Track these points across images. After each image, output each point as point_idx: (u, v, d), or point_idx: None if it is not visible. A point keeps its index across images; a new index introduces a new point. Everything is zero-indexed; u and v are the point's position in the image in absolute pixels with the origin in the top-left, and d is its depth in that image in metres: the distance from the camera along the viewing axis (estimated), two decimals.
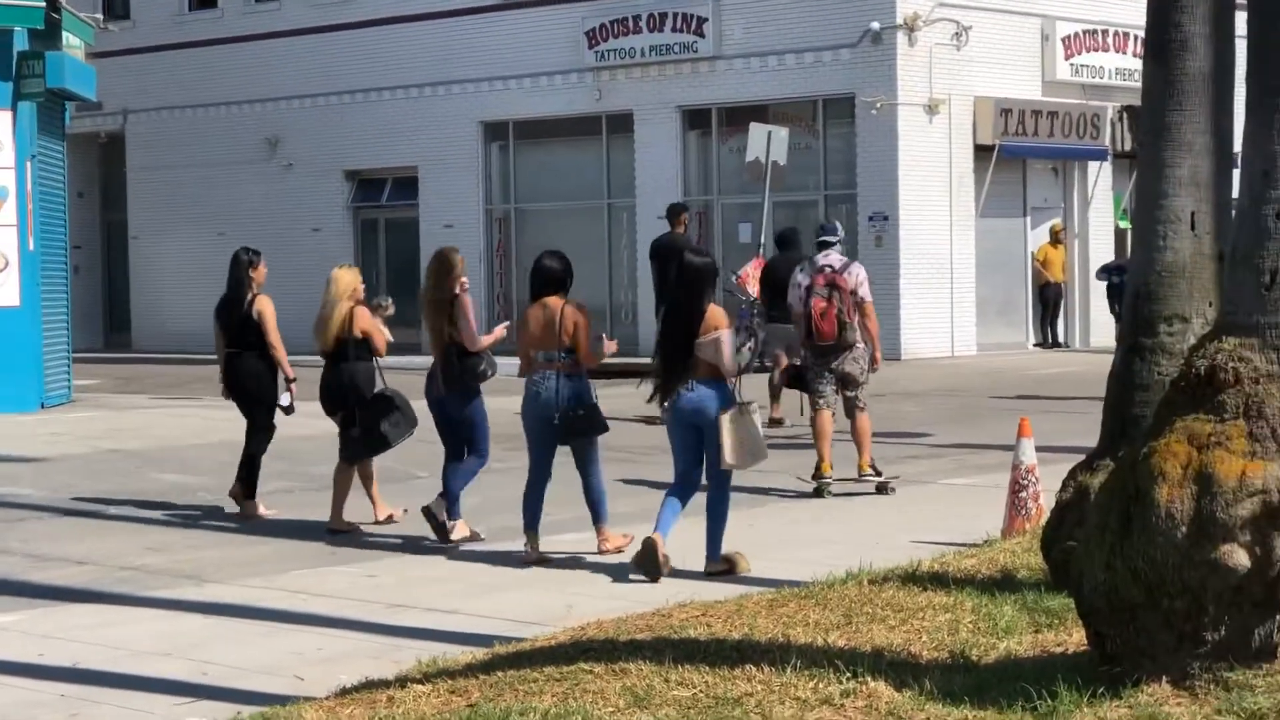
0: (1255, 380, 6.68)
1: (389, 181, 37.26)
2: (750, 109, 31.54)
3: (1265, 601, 6.49)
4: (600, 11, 33.46)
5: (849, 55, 30.95)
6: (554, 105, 34.46)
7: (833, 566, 10.11)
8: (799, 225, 32.07)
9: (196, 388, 28.71)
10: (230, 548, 13.03)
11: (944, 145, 31.14)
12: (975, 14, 31.28)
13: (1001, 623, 8.08)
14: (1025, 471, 12.08)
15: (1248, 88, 6.96)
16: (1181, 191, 8.58)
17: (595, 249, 34.35)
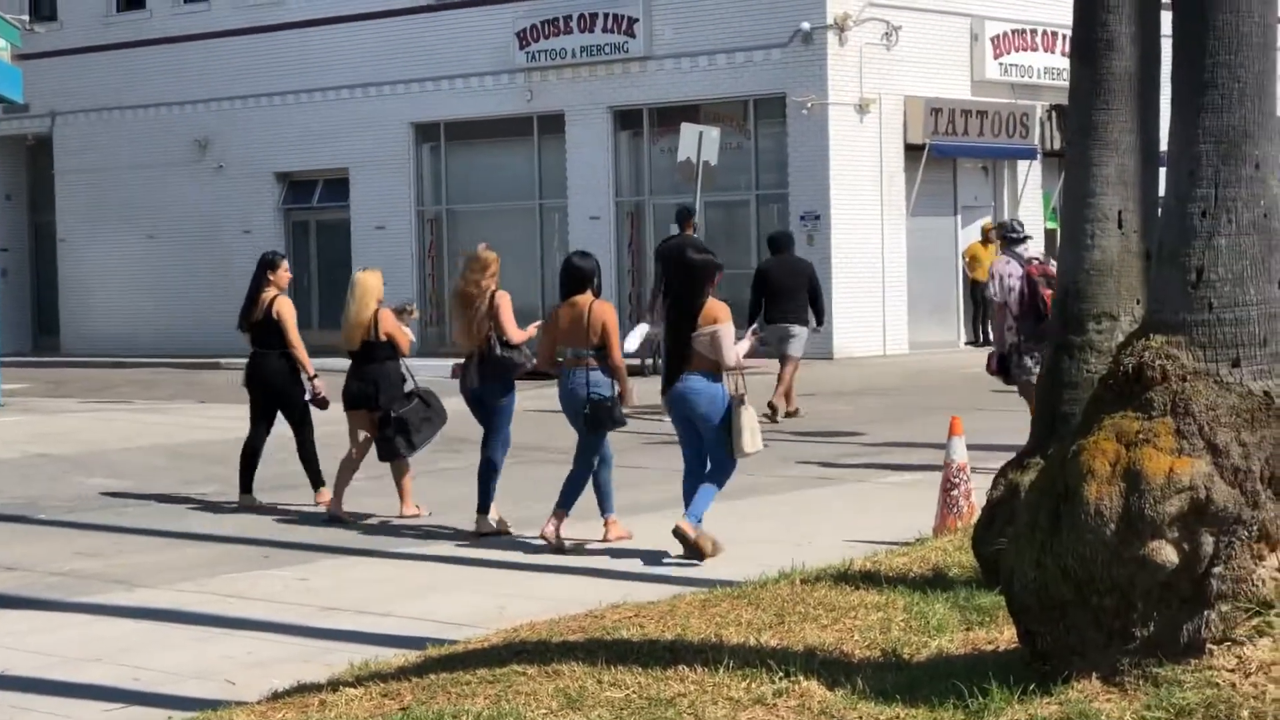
0: (1182, 378, 6.71)
1: (320, 183, 37.12)
2: (681, 109, 31.55)
3: (1193, 598, 6.52)
4: (531, 12, 33.42)
5: (780, 55, 31.01)
6: (485, 106, 34.39)
7: (766, 565, 10.12)
8: (733, 225, 32.29)
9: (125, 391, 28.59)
10: (161, 552, 12.92)
11: (875, 144, 31.24)
12: (905, 14, 31.39)
13: (933, 621, 8.09)
14: (957, 470, 12.12)
15: (1173, 87, 7.00)
16: (1109, 190, 8.63)
17: (527, 249, 34.30)
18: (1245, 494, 6.53)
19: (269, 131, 36.93)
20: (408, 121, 35.36)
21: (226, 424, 22.34)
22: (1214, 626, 6.48)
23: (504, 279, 13.89)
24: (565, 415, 12.79)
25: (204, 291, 37.70)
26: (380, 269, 15.87)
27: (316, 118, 36.29)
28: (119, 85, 38.79)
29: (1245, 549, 6.52)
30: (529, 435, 17.11)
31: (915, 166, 31.63)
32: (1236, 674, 6.33)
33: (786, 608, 8.64)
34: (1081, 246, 8.71)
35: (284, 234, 37.68)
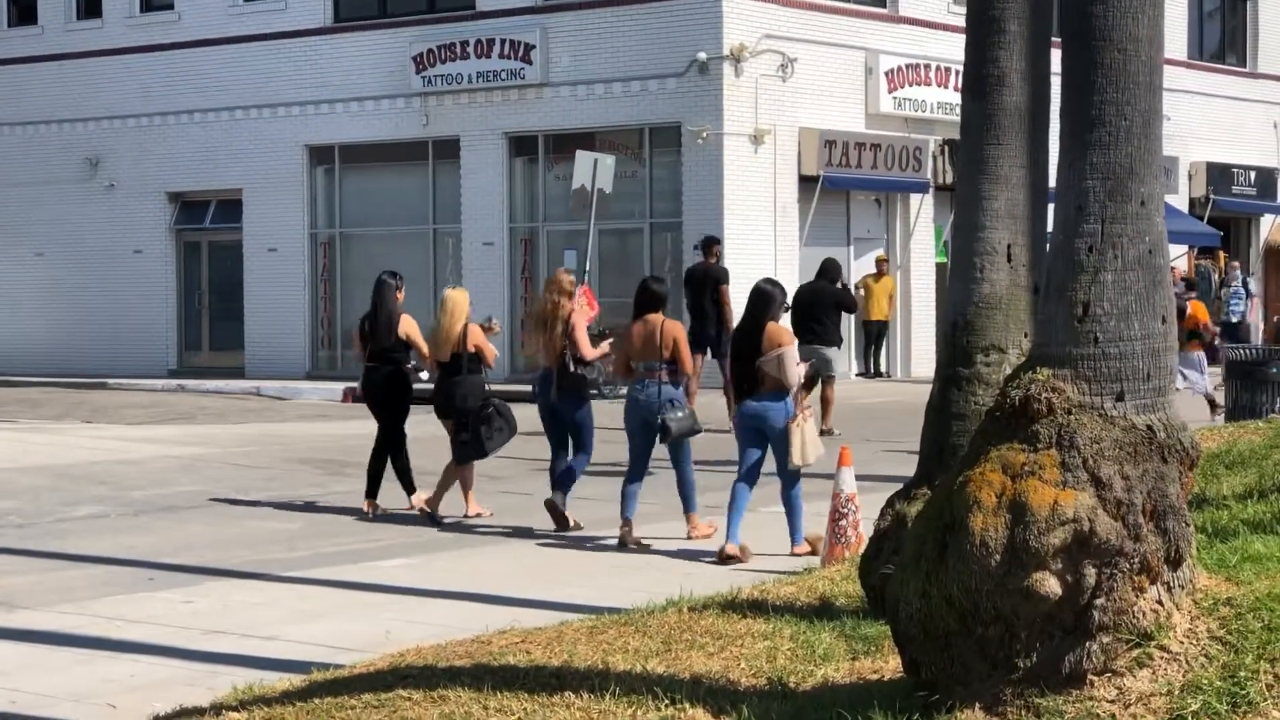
0: (1068, 410, 6.76)
1: (213, 204, 36.81)
2: (577, 136, 31.60)
3: (1076, 629, 6.56)
4: (427, 37, 33.35)
5: (676, 85, 31.10)
6: (380, 130, 34.28)
7: (653, 593, 10.11)
8: (626, 252, 32.33)
9: (11, 410, 28.21)
10: (43, 574, 12.76)
11: (769, 175, 31.36)
12: (801, 46, 31.58)
13: (819, 650, 8.10)
14: (845, 500, 12.20)
15: (1061, 124, 7.06)
16: (998, 224, 8.70)
17: (421, 273, 34.08)
18: (1128, 527, 6.58)
19: (161, 151, 36.62)
20: (302, 143, 35.16)
21: (112, 444, 22.15)
22: (1095, 658, 6.53)
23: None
24: (628, 424, 13.91)
25: (94, 311, 37.37)
26: (466, 289, 17.61)
27: (210, 138, 36.04)
28: (9, 100, 38.38)
29: (1127, 581, 6.57)
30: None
31: (809, 198, 31.79)
32: (1116, 705, 6.37)
33: (673, 635, 8.62)
34: (970, 280, 8.76)
35: (175, 254, 37.35)
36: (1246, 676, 6.28)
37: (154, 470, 17.64)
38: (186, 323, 37.58)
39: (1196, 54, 41.59)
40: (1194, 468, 6.95)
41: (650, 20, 31.34)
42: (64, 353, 37.13)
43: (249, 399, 31.34)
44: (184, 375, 35.79)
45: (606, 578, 12.21)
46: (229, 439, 23.17)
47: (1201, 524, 8.20)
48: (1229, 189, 42.03)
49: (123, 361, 36.41)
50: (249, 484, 17.93)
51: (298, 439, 23.11)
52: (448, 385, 15.62)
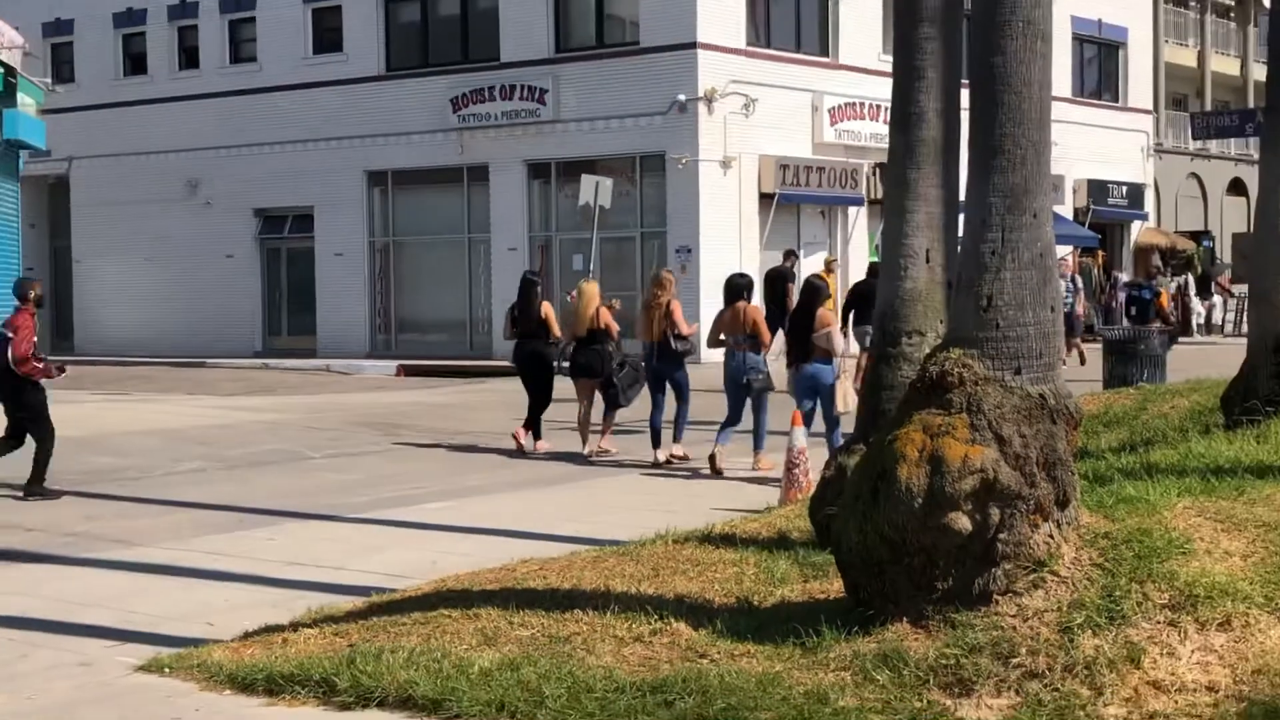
0: (975, 383, 6.75)
1: (290, 217, 36.68)
2: (582, 163, 31.51)
3: (983, 558, 6.56)
4: (461, 83, 33.29)
5: (660, 121, 31.03)
6: (425, 158, 34.19)
7: (645, 529, 10.08)
8: (621, 256, 32.28)
9: (128, 384, 28.17)
10: (155, 518, 12.70)
11: (735, 193, 31.32)
12: (760, 89, 31.51)
13: (778, 574, 8.07)
14: (797, 453, 12.19)
15: (969, 151, 7.05)
16: (919, 233, 8.67)
17: (458, 274, 34.14)
18: (1024, 475, 6.58)
19: (248, 174, 36.53)
20: (362, 169, 35.06)
21: (210, 412, 22.12)
22: (999, 581, 6.52)
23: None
24: (726, 383, 14.97)
25: (194, 304, 37.36)
26: (597, 279, 19.12)
27: (288, 164, 35.94)
28: (125, 136, 38.26)
29: (1024, 520, 6.57)
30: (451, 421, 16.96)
31: (767, 211, 31.74)
32: (1017, 619, 6.37)
33: (661, 564, 8.58)
34: (896, 278, 8.74)
35: (260, 258, 37.28)
36: (1120, 595, 6.28)
37: (244, 432, 17.57)
38: (269, 313, 37.49)
39: (1079, 91, 41.52)
40: (1077, 427, 6.95)
41: (640, 69, 31.28)
42: (170, 339, 37.07)
43: (320, 374, 31.27)
44: (267, 355, 35.70)
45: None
46: (304, 407, 23.13)
47: (1084, 472, 8.17)
48: (1105, 200, 42.01)
49: (218, 345, 36.34)
50: (320, 443, 17.90)
51: (360, 406, 23.08)
52: (585, 353, 16.51)
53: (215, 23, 37.44)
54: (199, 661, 7.35)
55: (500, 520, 12.02)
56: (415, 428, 19.49)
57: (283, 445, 17.68)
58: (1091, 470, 8.54)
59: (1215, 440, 9.08)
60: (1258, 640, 5.93)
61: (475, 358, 32.60)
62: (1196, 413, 10.80)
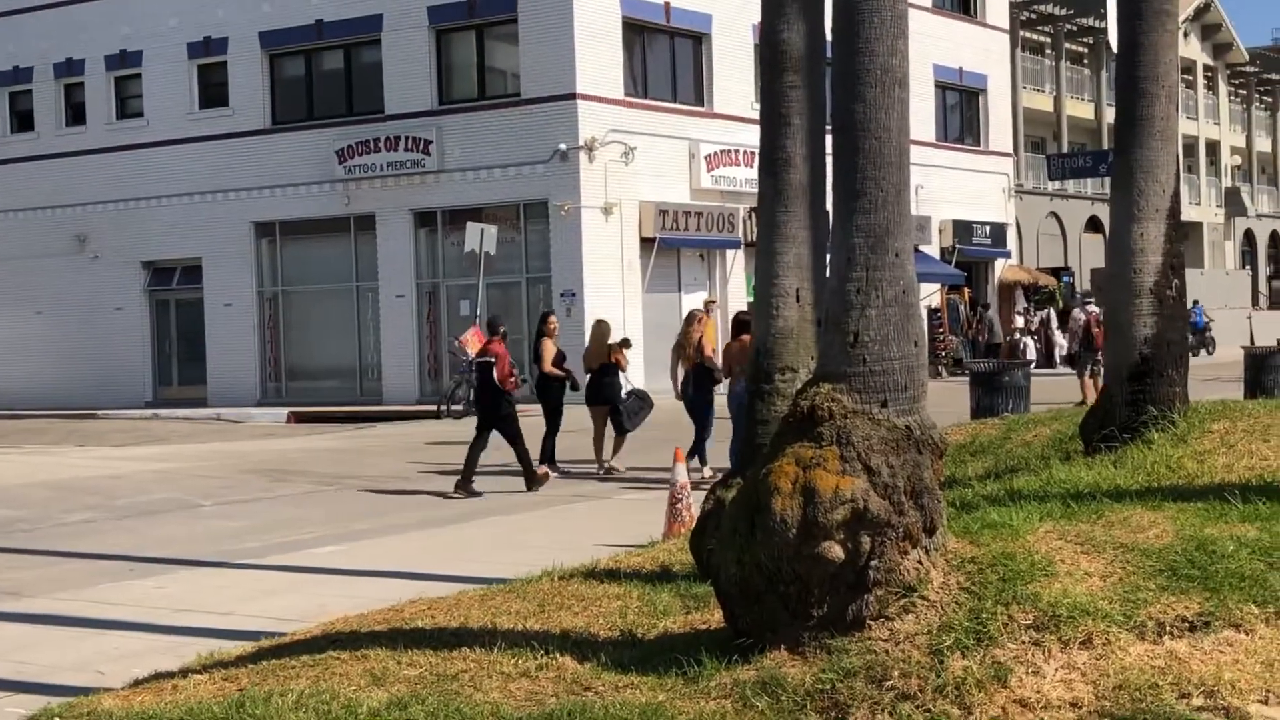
0: (845, 416, 6.78)
1: (178, 269, 36.24)
2: (468, 211, 31.49)
3: (856, 585, 6.58)
4: (347, 135, 33.14)
5: (543, 169, 31.08)
6: (312, 209, 33.96)
7: (532, 566, 10.03)
8: (508, 301, 32.22)
9: (19, 437, 27.57)
10: (45, 568, 12.44)
11: (617, 238, 31.43)
12: (639, 137, 31.70)
13: (660, 607, 8.04)
14: (680, 488, 12.20)
15: (834, 194, 7.11)
16: (789, 273, 8.71)
17: (347, 322, 33.89)
18: (893, 504, 6.62)
19: (136, 228, 36.10)
20: (249, 220, 34.75)
21: (100, 462, 21.70)
22: (872, 607, 6.55)
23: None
24: (731, 410, 15.47)
25: (84, 357, 36.74)
26: (608, 319, 20.53)
27: (175, 217, 35.57)
28: (14, 191, 37.69)
29: (894, 546, 6.60)
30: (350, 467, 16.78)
31: (648, 255, 31.88)
32: (889, 643, 6.39)
33: (547, 599, 8.52)
34: (769, 316, 8.77)
35: (149, 310, 36.75)
36: (987, 617, 6.34)
37: (134, 482, 17.25)
38: (159, 364, 36.96)
39: (943, 136, 42.22)
40: (942, 457, 7.01)
41: (522, 119, 31.33)
42: (61, 392, 36.41)
43: (211, 423, 30.83)
44: (158, 406, 35.16)
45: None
46: (195, 455, 22.77)
47: (951, 500, 8.26)
48: (970, 240, 42.70)
49: (108, 397, 35.74)
50: (211, 490, 17.63)
51: (251, 454, 22.77)
52: (599, 385, 18.22)
53: (101, 79, 36.95)
54: (89, 710, 7.16)
55: (391, 562, 11.90)
56: (306, 474, 19.26)
57: (173, 494, 17.40)
58: (959, 497, 8.63)
59: (1075, 466, 9.22)
60: (1118, 657, 6.02)
61: (365, 404, 32.35)
62: (1058, 440, 10.98)
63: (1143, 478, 8.46)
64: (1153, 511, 7.33)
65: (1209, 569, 6.46)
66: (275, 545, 13.11)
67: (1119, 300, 9.84)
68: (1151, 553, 6.71)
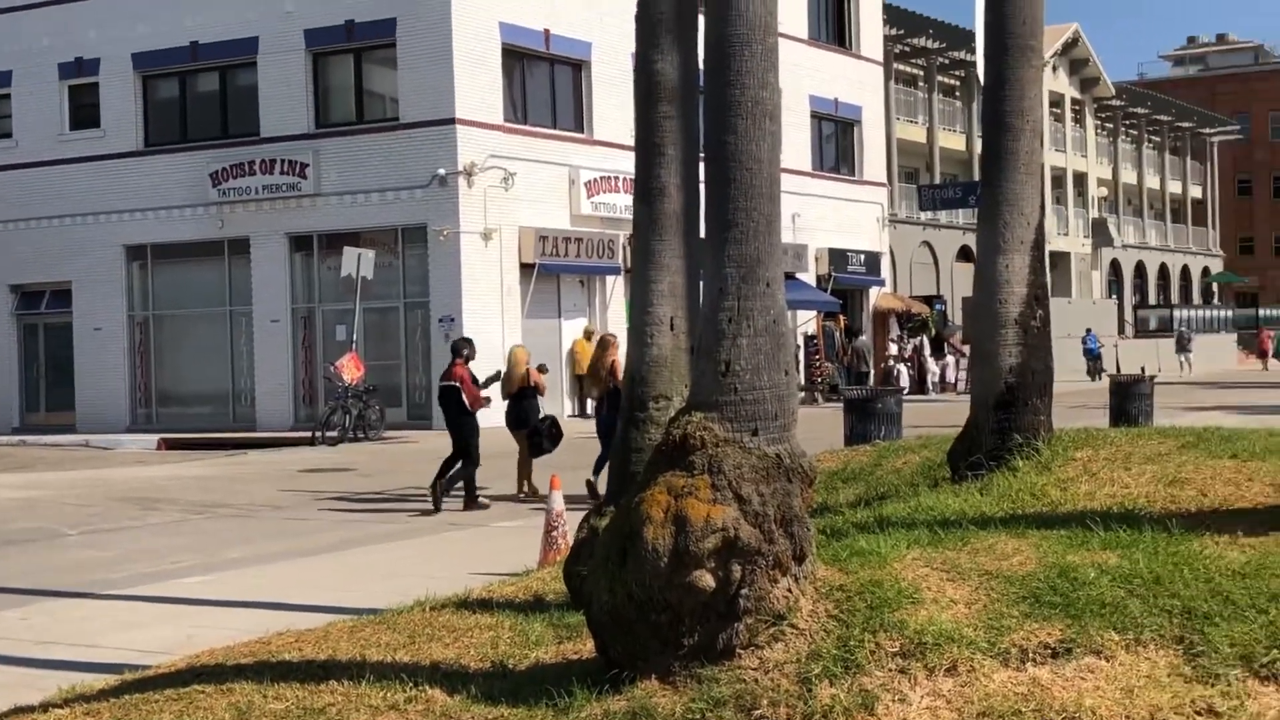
0: (716, 444, 6.80)
1: (48, 293, 35.50)
2: (344, 235, 31.25)
3: (727, 613, 6.59)
4: (221, 157, 32.72)
5: (422, 194, 30.93)
6: (184, 232, 33.47)
7: (404, 596, 9.92)
8: (385, 326, 31.96)
9: None
10: None
11: (496, 263, 31.34)
12: (519, 163, 31.67)
13: (533, 637, 7.99)
14: (555, 516, 12.14)
15: (706, 224, 7.15)
16: (663, 301, 8.72)
17: (219, 347, 33.40)
18: (764, 533, 6.64)
19: (4, 251, 35.29)
20: (120, 244, 34.16)
21: None
22: (742, 635, 6.56)
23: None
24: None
25: None
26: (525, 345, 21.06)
27: (44, 240, 34.85)
28: None
29: (764, 575, 6.62)
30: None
31: (528, 281, 31.84)
32: (759, 671, 6.41)
33: (418, 630, 8.42)
34: (644, 344, 8.77)
35: (17, 335, 35.94)
36: (855, 645, 6.38)
37: None
38: (27, 389, 36.15)
39: (819, 166, 42.71)
40: (813, 484, 7.05)
41: (400, 144, 31.17)
42: None
43: (79, 450, 30.15)
44: (25, 432, 34.35)
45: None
46: (61, 483, 22.26)
47: (822, 527, 8.31)
48: (845, 268, 43.21)
49: None
50: (78, 519, 17.24)
51: (119, 481, 22.30)
52: (517, 409, 18.42)
53: None
54: None
55: (261, 592, 11.70)
56: (176, 502, 18.92)
57: (38, 523, 16.98)
58: (830, 525, 8.69)
59: (943, 493, 9.33)
60: (982, 684, 6.09)
61: (238, 430, 31.87)
62: (927, 467, 11.10)
63: (1008, 505, 8.58)
64: (1017, 539, 7.44)
65: (1071, 596, 6.56)
66: (143, 575, 12.84)
67: (985, 330, 10.00)
68: (1015, 580, 6.80)
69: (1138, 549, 7.07)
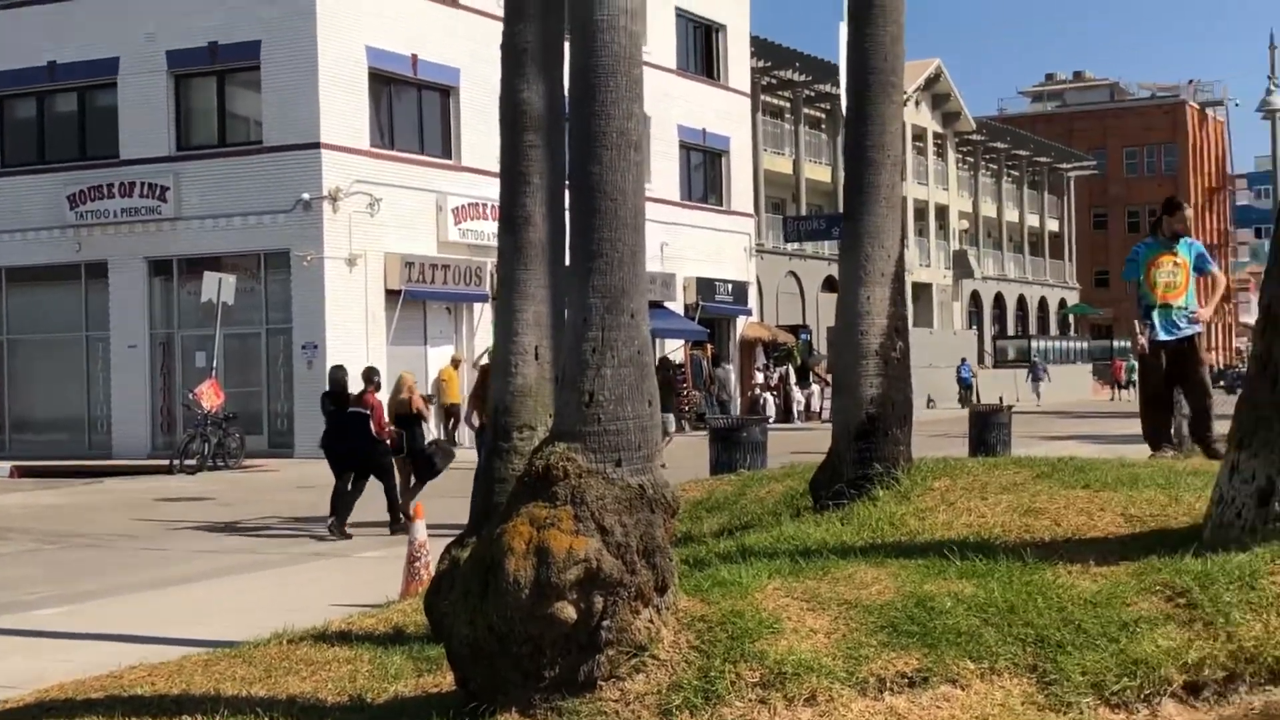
0: (579, 475, 6.79)
1: None
2: (205, 260, 30.79)
3: (588, 645, 6.57)
4: (80, 179, 32.10)
5: (285, 219, 30.60)
6: (40, 255, 32.76)
7: (262, 628, 9.72)
8: (246, 353, 31.50)
9: None
10: None
11: (361, 290, 31.08)
12: (385, 189, 31.47)
13: (392, 670, 7.88)
14: (418, 546, 12.04)
15: (570, 254, 7.15)
16: (528, 331, 8.70)
17: (76, 372, 32.70)
18: (626, 564, 6.64)
19: None
20: None
21: None
22: (603, 667, 6.55)
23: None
24: None
25: None
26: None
27: None
28: None
29: (626, 606, 6.62)
30: None
31: (394, 307, 31.60)
32: (620, 704, 6.40)
33: (274, 664, 8.27)
34: (508, 374, 8.74)
35: None
36: (715, 675, 6.39)
37: None
38: None
39: (688, 195, 43.02)
40: (675, 515, 7.06)
41: (264, 167, 30.81)
42: None
43: None
44: None
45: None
46: None
47: (685, 558, 8.32)
48: (713, 297, 43.53)
49: None
50: None
51: None
52: (406, 436, 18.36)
53: None
54: None
55: (115, 625, 11.42)
56: (29, 531, 18.43)
57: None
58: (692, 555, 8.70)
59: (805, 523, 9.39)
60: (840, 714, 6.13)
61: (94, 457, 31.18)
62: (790, 497, 11.17)
63: (868, 534, 8.67)
64: (876, 568, 7.51)
65: (928, 625, 6.64)
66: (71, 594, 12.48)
67: (847, 361, 10.10)
68: (874, 609, 6.86)
69: (993, 578, 7.18)
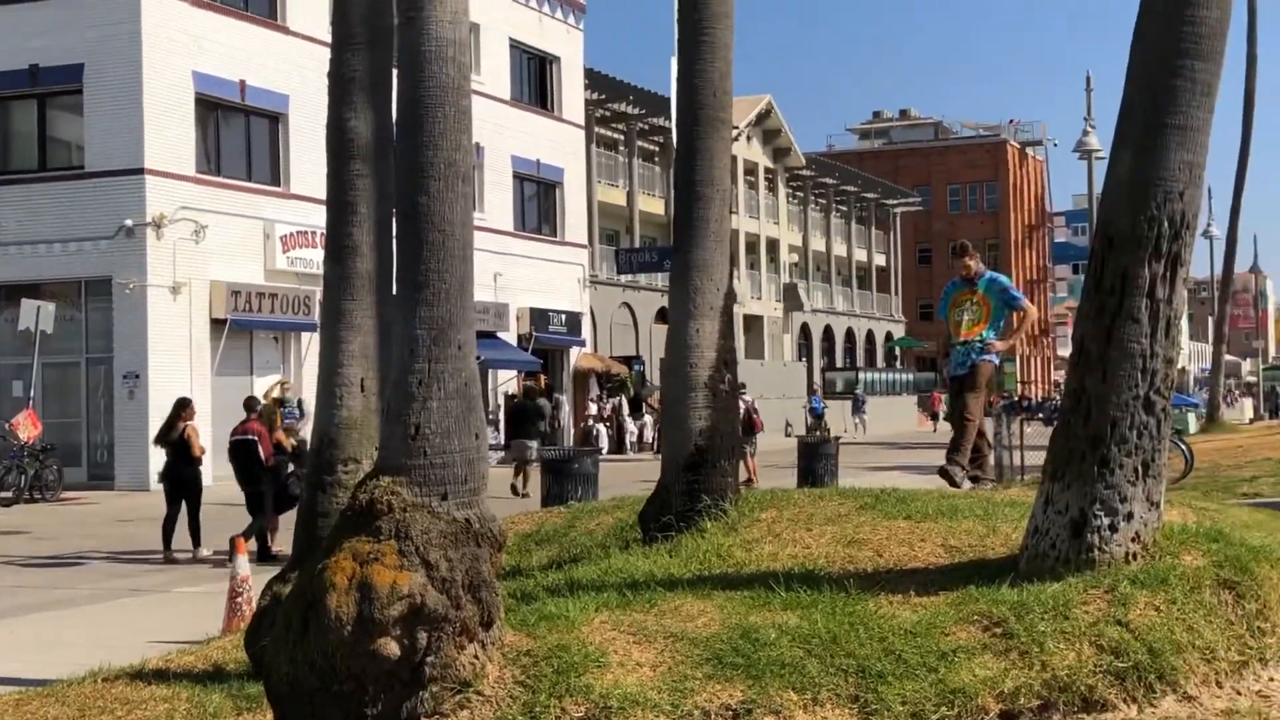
0: (404, 509, 6.73)
1: None
2: (23, 287, 29.90)
3: (412, 681, 6.50)
4: None
5: (107, 245, 29.87)
6: None
7: (77, 667, 9.44)
8: (65, 383, 30.62)
9: None
10: None
11: (186, 318, 30.45)
12: (211, 215, 30.91)
13: (210, 709, 7.69)
14: (240, 581, 11.78)
15: (397, 285, 7.09)
16: (354, 362, 8.60)
17: None
18: (451, 599, 6.59)
19: None
20: None
21: None
22: (427, 704, 6.48)
23: None
24: None
25: None
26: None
27: None
28: None
29: (451, 641, 6.56)
30: None
31: (219, 336, 31.02)
32: None
33: (89, 703, 8.02)
34: (333, 406, 8.62)
35: None
36: (540, 710, 6.36)
37: None
38: None
39: (521, 226, 42.99)
40: (502, 549, 7.03)
41: (85, 192, 30.07)
42: None
43: None
44: None
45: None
46: None
47: (512, 591, 8.27)
48: (547, 328, 43.52)
49: None
50: None
51: None
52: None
53: None
54: None
55: None
56: None
57: None
58: (520, 588, 8.65)
59: (634, 555, 9.40)
60: None
61: None
62: (619, 529, 11.17)
63: (695, 566, 8.71)
64: (702, 600, 7.55)
65: (752, 657, 6.69)
66: None
67: (676, 393, 10.16)
68: (699, 641, 6.89)
69: (816, 609, 7.26)
